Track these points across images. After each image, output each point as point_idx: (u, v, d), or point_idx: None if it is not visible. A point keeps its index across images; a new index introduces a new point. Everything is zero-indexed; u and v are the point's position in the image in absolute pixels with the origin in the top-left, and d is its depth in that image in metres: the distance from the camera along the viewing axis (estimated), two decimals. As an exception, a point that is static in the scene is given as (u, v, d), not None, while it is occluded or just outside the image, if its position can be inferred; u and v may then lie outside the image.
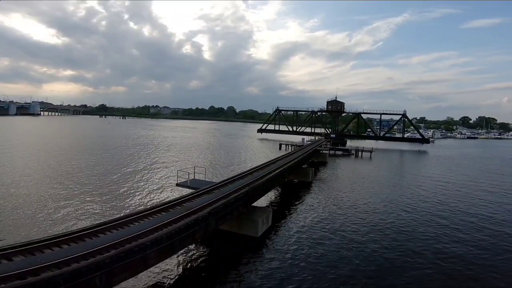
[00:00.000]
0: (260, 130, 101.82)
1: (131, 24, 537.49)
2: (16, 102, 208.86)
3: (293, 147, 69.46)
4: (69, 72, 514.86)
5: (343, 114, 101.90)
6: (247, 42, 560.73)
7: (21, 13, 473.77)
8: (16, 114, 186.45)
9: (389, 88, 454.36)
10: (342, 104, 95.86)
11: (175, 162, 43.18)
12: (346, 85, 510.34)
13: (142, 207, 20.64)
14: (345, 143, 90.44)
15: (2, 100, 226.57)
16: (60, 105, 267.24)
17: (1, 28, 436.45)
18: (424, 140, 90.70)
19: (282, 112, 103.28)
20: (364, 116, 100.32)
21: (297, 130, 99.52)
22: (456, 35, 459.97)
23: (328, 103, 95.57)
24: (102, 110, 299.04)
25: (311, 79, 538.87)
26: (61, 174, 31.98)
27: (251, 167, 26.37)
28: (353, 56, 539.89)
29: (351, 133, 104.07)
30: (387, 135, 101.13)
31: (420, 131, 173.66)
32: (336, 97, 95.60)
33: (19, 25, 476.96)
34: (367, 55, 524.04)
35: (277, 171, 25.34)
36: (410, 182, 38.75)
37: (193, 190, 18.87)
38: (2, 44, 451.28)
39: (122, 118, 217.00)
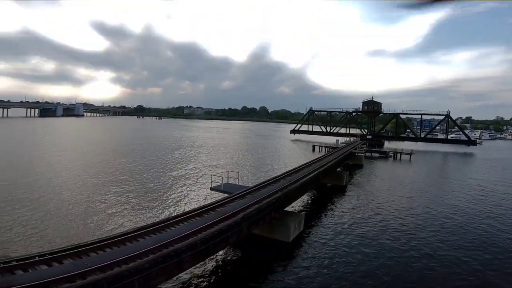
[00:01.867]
0: (293, 131, 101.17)
1: (166, 26, 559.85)
2: (63, 104, 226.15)
3: (327, 148, 68.32)
4: (109, 74, 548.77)
5: (380, 115, 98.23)
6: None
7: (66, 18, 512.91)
8: (62, 115, 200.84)
9: (429, 86, 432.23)
10: (379, 104, 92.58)
11: (210, 164, 44.13)
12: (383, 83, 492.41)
13: (179, 210, 21.41)
14: (383, 144, 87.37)
15: (50, 102, 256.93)
16: (101, 106, 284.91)
17: (49, 33, 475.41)
18: (470, 142, 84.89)
19: (316, 112, 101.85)
20: (403, 116, 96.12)
21: (331, 131, 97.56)
22: (503, 29, 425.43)
23: (364, 103, 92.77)
24: (140, 111, 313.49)
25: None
26: (107, 176, 34.05)
27: (285, 171, 26.36)
28: (390, 53, 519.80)
29: (389, 134, 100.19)
30: (429, 136, 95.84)
31: (466, 131, 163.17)
32: (372, 97, 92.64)
33: (64, 30, 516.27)
34: (405, 52, 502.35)
35: (311, 175, 25.14)
36: (455, 188, 36.54)
37: (227, 195, 19.30)
38: (49, 48, 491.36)
39: (159, 119, 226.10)
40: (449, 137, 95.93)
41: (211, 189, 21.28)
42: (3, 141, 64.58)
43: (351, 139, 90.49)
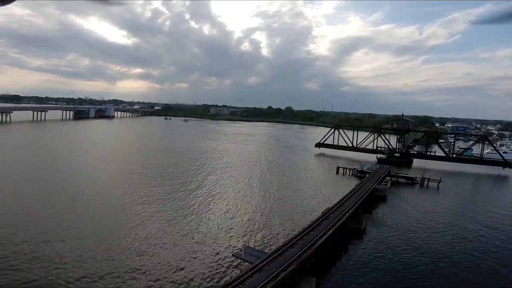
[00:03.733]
0: (318, 145, 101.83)
1: (192, 23, 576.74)
2: (95, 101, 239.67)
3: (351, 171, 68.94)
4: (138, 70, 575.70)
5: (410, 133, 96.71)
6: (306, 38, 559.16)
7: (97, 16, 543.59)
8: (95, 117, 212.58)
9: (467, 84, 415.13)
10: (409, 122, 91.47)
11: (233, 206, 42.02)
12: (416, 81, 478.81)
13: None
14: (411, 163, 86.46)
15: (83, 98, 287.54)
16: (131, 101, 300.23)
17: (82, 31, 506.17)
18: (505, 164, 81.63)
19: (342, 128, 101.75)
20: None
21: (358, 146, 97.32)
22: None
23: (394, 120, 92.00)
24: (167, 110, 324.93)
25: (375, 74, 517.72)
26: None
27: (302, 229, 28.38)
28: (425, 50, 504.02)
29: (419, 149, 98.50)
30: (464, 154, 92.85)
31: (505, 141, 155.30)
32: (402, 114, 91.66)
33: (95, 27, 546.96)
34: (441, 49, 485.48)
35: (327, 234, 27.13)
36: (483, 230, 37.31)
37: (247, 264, 21.94)
38: (82, 45, 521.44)
39: (185, 121, 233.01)
40: (484, 152, 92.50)
41: (233, 255, 23.91)
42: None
43: (378, 156, 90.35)
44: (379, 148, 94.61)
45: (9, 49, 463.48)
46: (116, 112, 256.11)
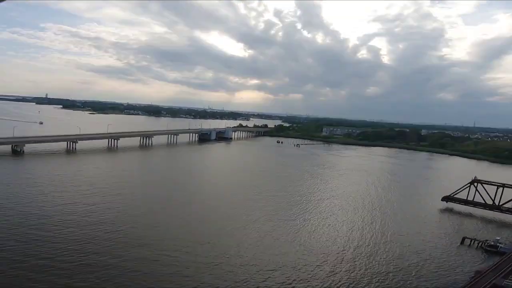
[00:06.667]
0: (446, 198, 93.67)
1: (305, 33, 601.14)
2: (216, 113, 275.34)
3: (480, 244, 62.36)
4: (254, 81, 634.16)
5: None
6: (437, 41, 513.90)
7: (218, 30, 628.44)
8: (215, 139, 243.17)
9: None
10: None
11: None
12: None
13: None
14: None
15: (207, 109, 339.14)
16: (247, 113, 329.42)
17: (206, 46, 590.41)
18: None
19: (483, 184, 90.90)
20: None
21: (500, 204, 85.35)
22: None
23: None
24: (279, 131, 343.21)
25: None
26: None
27: None
28: None
29: None
30: None
31: None
32: None
33: (217, 42, 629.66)
34: None
35: None
36: None
37: None
38: (207, 58, 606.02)
39: (296, 146, 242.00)
40: None
41: None
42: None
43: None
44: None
45: (153, 64, 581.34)
46: (233, 133, 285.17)
